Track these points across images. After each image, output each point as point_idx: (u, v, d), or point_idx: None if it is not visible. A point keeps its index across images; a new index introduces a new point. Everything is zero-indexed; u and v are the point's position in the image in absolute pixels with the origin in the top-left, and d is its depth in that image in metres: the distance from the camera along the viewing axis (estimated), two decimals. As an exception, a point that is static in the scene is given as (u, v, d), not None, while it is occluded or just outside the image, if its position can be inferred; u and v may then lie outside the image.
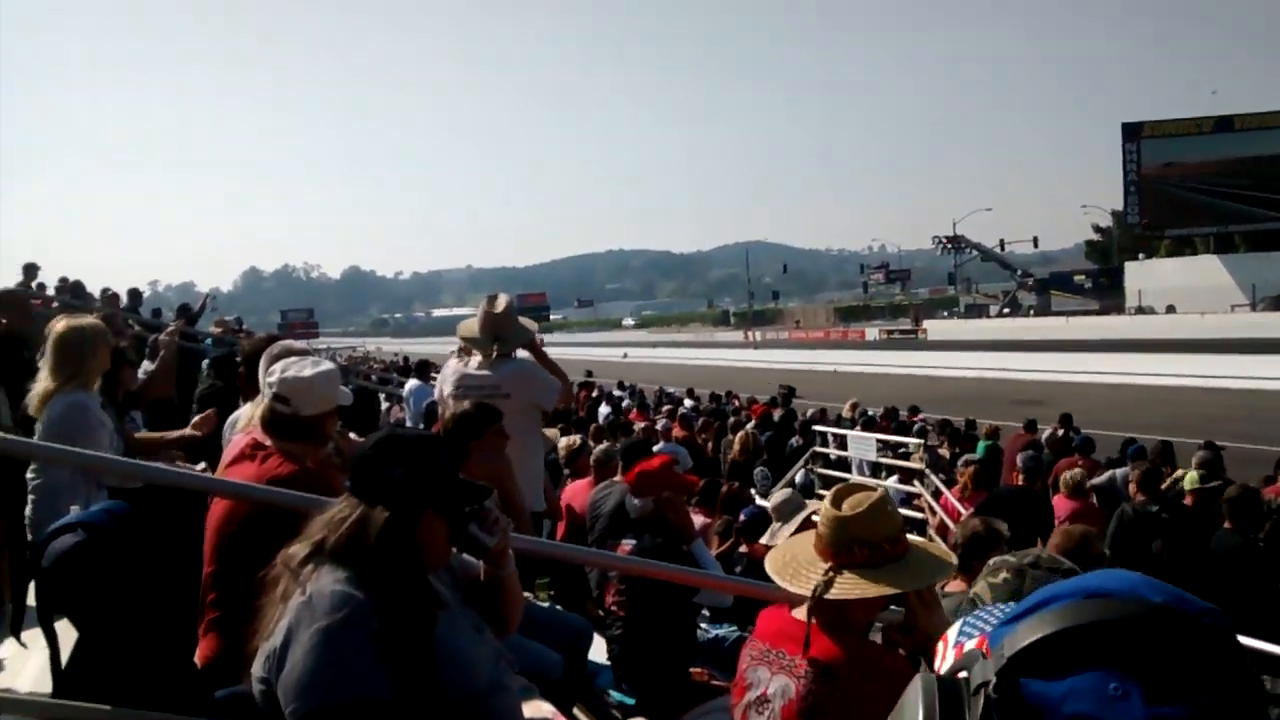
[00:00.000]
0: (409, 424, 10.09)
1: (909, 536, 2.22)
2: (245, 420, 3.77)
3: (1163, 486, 7.40)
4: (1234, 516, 6.10)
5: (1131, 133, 58.02)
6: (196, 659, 2.82)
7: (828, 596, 2.06)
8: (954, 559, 2.17)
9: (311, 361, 2.91)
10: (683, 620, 4.18)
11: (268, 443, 2.87)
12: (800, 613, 2.15)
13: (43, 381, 3.99)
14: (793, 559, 2.21)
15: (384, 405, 13.56)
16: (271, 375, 2.82)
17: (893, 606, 2.22)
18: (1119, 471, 9.24)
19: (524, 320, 5.27)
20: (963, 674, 0.84)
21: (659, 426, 12.04)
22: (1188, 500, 6.52)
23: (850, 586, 2.07)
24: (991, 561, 1.99)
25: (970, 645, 1.26)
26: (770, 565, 2.26)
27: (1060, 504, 7.83)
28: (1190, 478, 6.69)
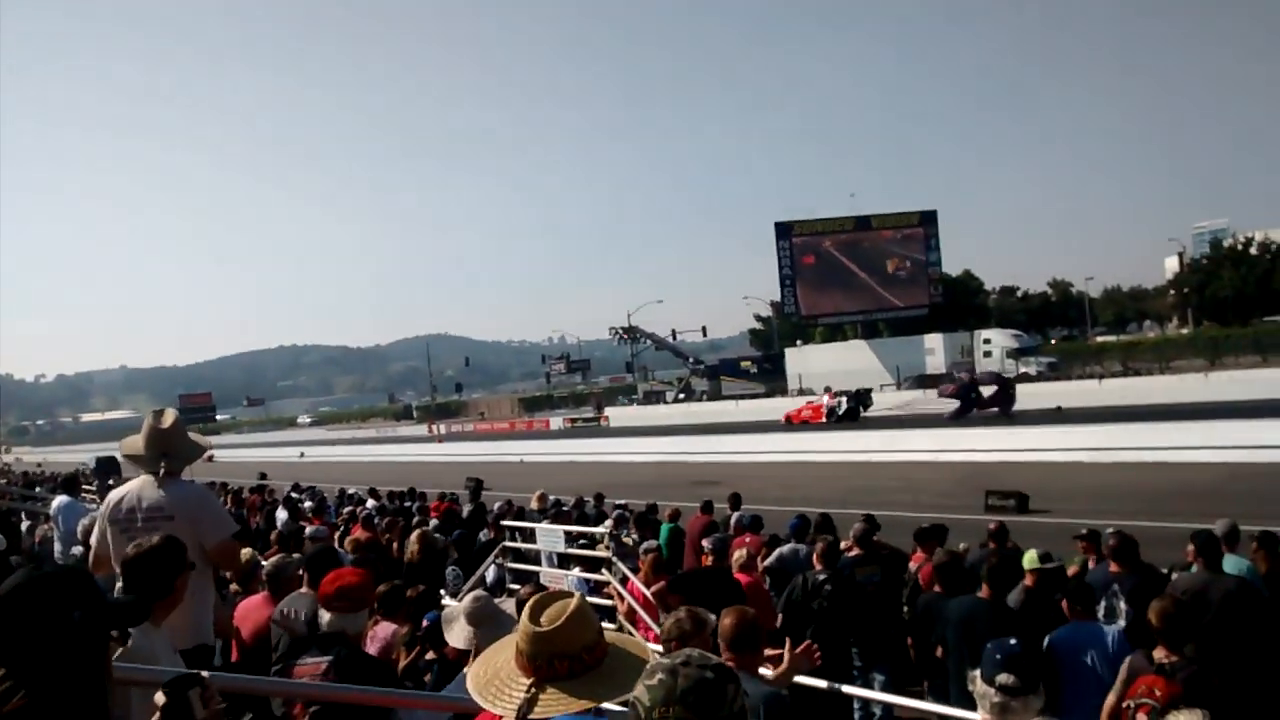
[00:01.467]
0: (58, 545, 9.12)
1: (606, 633, 2.21)
2: None
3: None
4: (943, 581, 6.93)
5: (784, 231, 63.55)
6: None
7: (530, 718, 2.03)
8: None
9: None
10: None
11: None
12: None
13: None
14: (494, 676, 2.16)
15: (24, 524, 12.15)
16: None
17: None
18: (784, 549, 9.88)
19: (195, 437, 4.94)
20: None
21: (314, 532, 11.33)
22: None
23: (553, 703, 2.05)
24: (650, 664, 2.04)
25: None
26: (472, 683, 2.20)
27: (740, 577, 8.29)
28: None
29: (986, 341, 55.26)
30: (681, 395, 69.71)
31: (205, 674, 2.20)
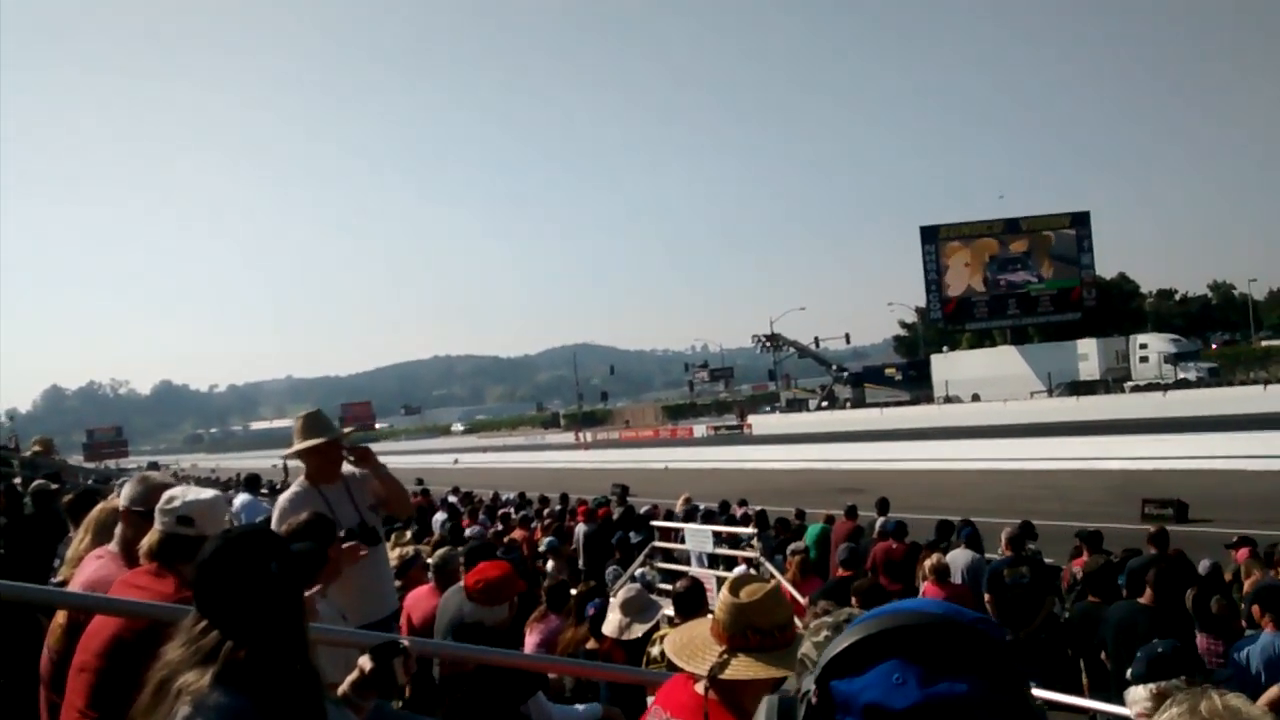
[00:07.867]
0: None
1: (797, 625, 2.44)
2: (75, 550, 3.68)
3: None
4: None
5: (929, 235, 61.86)
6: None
7: (721, 676, 2.25)
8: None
9: (201, 489, 2.96)
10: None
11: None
12: (701, 688, 2.33)
13: None
14: (690, 641, 2.41)
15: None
16: (171, 502, 2.82)
17: None
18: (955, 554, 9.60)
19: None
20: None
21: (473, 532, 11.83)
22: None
23: (743, 668, 2.26)
24: (811, 624, 2.18)
25: None
26: (669, 646, 2.47)
27: (930, 590, 7.94)
28: None
29: (1143, 346, 52.29)
30: (825, 403, 68.81)
31: (406, 641, 2.43)
